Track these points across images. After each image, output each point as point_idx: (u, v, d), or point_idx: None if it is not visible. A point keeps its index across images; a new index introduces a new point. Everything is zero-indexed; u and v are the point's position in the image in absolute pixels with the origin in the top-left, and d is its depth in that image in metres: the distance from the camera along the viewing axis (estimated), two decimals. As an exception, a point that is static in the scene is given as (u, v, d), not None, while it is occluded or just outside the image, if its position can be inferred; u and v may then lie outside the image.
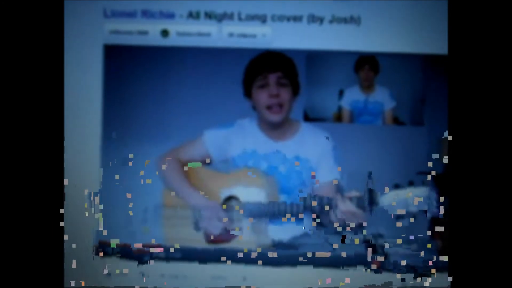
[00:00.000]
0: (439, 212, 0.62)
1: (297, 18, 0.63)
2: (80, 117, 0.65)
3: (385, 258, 0.64)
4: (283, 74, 0.65)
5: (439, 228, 0.63)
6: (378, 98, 0.65)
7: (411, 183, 0.61)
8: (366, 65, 0.64)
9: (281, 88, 0.65)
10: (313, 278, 0.65)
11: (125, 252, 0.66)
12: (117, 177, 0.66)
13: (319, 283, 0.65)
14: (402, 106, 0.64)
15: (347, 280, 0.65)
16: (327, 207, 0.63)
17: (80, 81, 0.65)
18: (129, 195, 0.66)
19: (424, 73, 0.63)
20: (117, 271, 0.66)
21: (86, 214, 0.66)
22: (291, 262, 0.65)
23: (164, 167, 0.67)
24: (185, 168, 0.68)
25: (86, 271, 0.66)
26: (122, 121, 0.66)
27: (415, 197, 0.61)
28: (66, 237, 0.64)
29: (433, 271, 0.64)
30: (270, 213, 0.65)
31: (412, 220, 0.62)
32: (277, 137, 0.67)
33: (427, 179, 0.62)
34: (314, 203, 0.63)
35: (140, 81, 0.66)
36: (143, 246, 0.66)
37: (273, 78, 0.65)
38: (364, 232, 0.64)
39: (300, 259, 0.65)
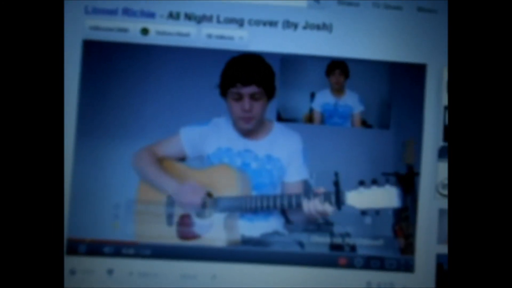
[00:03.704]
0: (402, 211, 0.66)
1: (272, 23, 0.66)
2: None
3: (352, 256, 0.66)
4: (257, 86, 0.66)
5: (402, 226, 0.66)
6: (348, 101, 0.68)
7: (374, 181, 0.64)
8: (337, 70, 0.67)
9: (254, 102, 0.66)
10: (282, 276, 0.66)
11: (93, 249, 0.66)
12: (89, 172, 0.66)
13: (289, 281, 0.66)
14: (370, 110, 0.68)
15: (316, 278, 0.66)
16: (296, 205, 0.65)
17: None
18: (101, 191, 0.66)
19: (391, 80, 0.67)
20: (83, 269, 0.65)
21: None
22: (261, 259, 0.66)
23: (139, 160, 0.67)
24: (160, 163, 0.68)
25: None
26: (98, 116, 0.66)
27: (379, 195, 0.64)
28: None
29: (397, 268, 0.66)
30: (242, 207, 0.66)
31: (376, 216, 0.64)
32: (251, 136, 0.69)
33: (391, 179, 0.65)
34: (283, 201, 0.65)
35: (118, 77, 0.67)
36: (112, 242, 0.66)
37: (246, 92, 0.66)
38: (332, 230, 0.66)
39: (270, 256, 0.66)
